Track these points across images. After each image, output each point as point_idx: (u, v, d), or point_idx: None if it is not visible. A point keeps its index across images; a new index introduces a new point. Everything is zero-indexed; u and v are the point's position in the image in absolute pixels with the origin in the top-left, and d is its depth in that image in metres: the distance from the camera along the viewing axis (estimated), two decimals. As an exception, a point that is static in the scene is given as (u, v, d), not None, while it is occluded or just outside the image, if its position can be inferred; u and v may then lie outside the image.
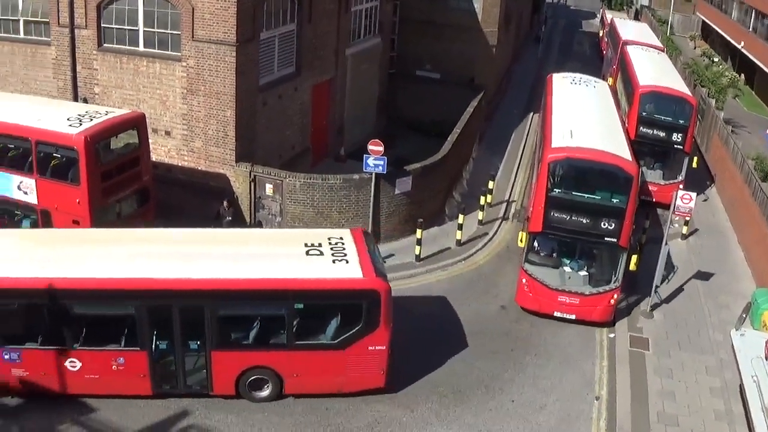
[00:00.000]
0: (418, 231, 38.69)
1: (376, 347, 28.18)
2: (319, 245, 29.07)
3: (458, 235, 41.06)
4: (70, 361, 27.98)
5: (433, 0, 58.35)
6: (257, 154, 40.53)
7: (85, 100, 41.98)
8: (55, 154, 35.14)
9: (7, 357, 27.94)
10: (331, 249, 28.89)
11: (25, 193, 35.75)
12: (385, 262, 32.16)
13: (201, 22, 38.34)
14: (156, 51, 40.41)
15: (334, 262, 28.13)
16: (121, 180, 35.56)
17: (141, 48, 40.85)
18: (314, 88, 45.44)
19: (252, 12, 38.68)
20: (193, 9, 38.29)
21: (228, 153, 39.34)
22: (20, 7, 44.92)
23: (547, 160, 34.68)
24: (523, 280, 35.32)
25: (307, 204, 38.45)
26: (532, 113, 63.76)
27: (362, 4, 50.06)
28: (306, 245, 29.04)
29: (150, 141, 37.67)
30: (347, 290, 27.71)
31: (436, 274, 38.69)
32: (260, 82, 40.61)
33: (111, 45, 41.73)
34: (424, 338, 33.00)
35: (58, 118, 35.77)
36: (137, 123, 36.55)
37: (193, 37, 38.70)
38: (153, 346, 28.08)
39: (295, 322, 27.93)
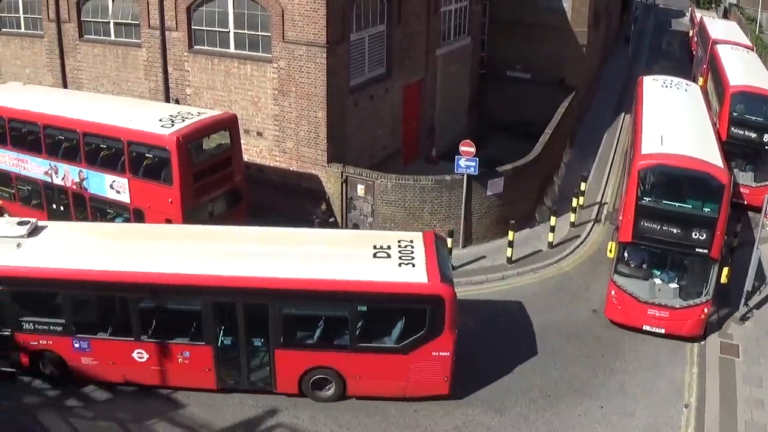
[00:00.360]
0: (510, 233, 38.32)
1: (440, 353, 27.88)
2: (388, 248, 29.01)
3: (550, 237, 40.54)
4: (138, 353, 29.04)
5: (523, 0, 58.05)
6: (349, 155, 40.72)
7: (177, 101, 42.62)
8: (147, 154, 35.74)
9: (77, 346, 29.31)
10: (399, 252, 28.75)
11: (118, 192, 36.46)
12: (454, 268, 32.14)
13: (291, 23, 38.61)
14: (247, 52, 40.89)
15: (400, 265, 27.96)
16: (213, 180, 35.97)
17: (232, 50, 41.41)
18: (405, 89, 45.49)
19: (341, 13, 38.83)
20: (282, 11, 38.58)
21: (320, 154, 39.59)
22: (110, 10, 45.69)
23: (637, 168, 33.81)
24: (612, 292, 34.41)
25: (399, 205, 38.46)
26: (623, 114, 62.94)
27: (451, 4, 49.92)
28: (375, 247, 29.07)
29: (242, 142, 38.18)
30: (410, 294, 27.40)
31: (528, 276, 38.35)
32: (351, 83, 40.75)
33: (202, 47, 42.38)
34: (515, 341, 32.82)
35: (150, 118, 36.46)
36: (229, 124, 36.96)
37: (283, 38, 39.02)
38: (218, 342, 28.81)
39: (357, 324, 28.06)
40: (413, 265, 27.85)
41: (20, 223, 31.11)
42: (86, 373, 29.80)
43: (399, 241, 29.45)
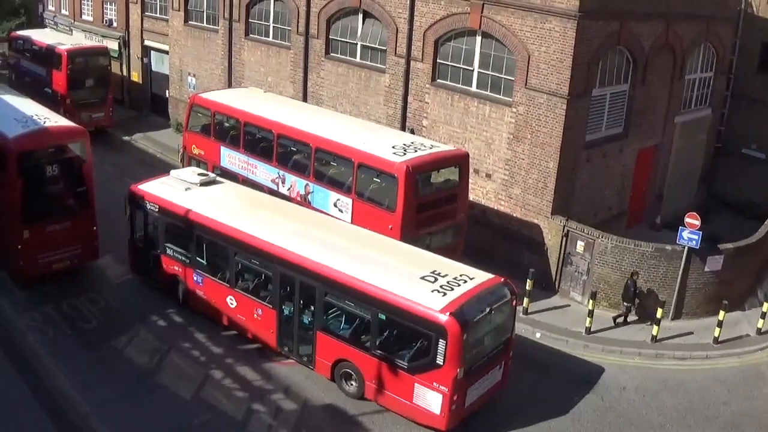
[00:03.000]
0: (721, 312, 36.99)
1: (440, 386, 27.77)
2: (443, 276, 29.36)
3: (760, 323, 38.85)
4: (230, 298, 34.08)
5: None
6: (573, 210, 40.16)
7: (413, 131, 42.96)
8: (375, 179, 36.20)
9: (195, 278, 35.46)
10: (449, 282, 28.94)
11: (341, 210, 36.95)
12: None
13: (535, 70, 38.49)
14: (488, 93, 40.94)
15: (432, 291, 28.34)
16: (436, 214, 35.93)
17: (473, 88, 41.53)
18: (639, 152, 44.68)
19: (587, 67, 38.49)
20: (529, 57, 38.56)
21: (545, 204, 39.17)
22: (359, 32, 46.58)
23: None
24: None
25: (615, 267, 37.68)
26: None
27: (696, 73, 48.96)
28: (432, 272, 29.58)
29: (470, 181, 38.12)
30: (417, 317, 27.86)
31: (731, 359, 36.79)
32: (587, 138, 40.30)
33: (444, 81, 42.73)
34: (701, 424, 31.61)
35: (383, 144, 36.87)
36: (460, 161, 37.03)
37: (526, 84, 38.94)
38: (280, 308, 32.33)
39: (378, 331, 29.24)
40: (443, 294, 28.15)
41: (200, 174, 38.35)
42: (197, 304, 35.76)
43: (461, 275, 29.63)
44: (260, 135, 41.64)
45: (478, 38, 40.96)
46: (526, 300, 37.21)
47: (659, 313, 36.04)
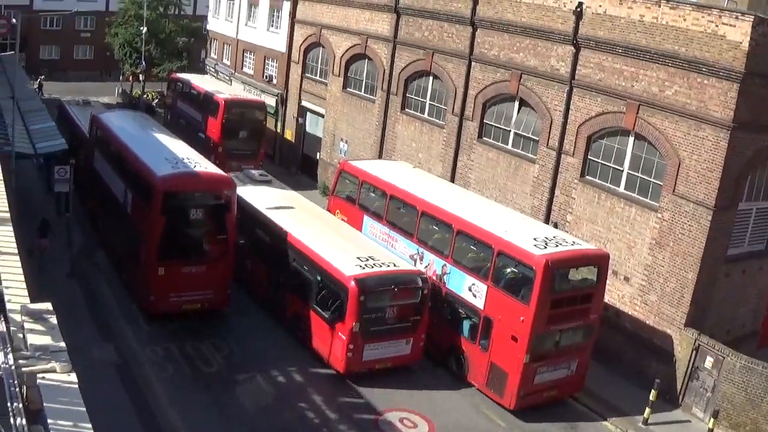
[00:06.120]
0: None
1: (341, 335, 35.91)
2: (375, 260, 37.72)
3: None
4: (248, 262, 43.25)
5: None
6: (706, 324, 39.32)
7: (556, 225, 42.79)
8: (513, 268, 36.02)
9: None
10: (374, 263, 37.26)
11: (474, 295, 36.99)
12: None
13: (684, 177, 38.11)
14: (635, 195, 40.63)
15: (356, 265, 36.65)
16: (569, 312, 35.54)
17: (621, 189, 41.30)
18: (779, 272, 43.82)
19: (736, 179, 37.97)
20: (679, 163, 38.21)
21: (679, 315, 38.55)
22: (513, 119, 46.95)
23: None
24: None
25: (741, 388, 36.71)
26: None
27: None
28: (369, 256, 37.92)
29: (607, 282, 37.73)
30: (335, 279, 36.56)
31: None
32: (728, 252, 39.60)
33: (593, 178, 42.61)
34: None
35: (524, 234, 36.76)
36: (600, 261, 36.59)
37: (673, 191, 38.53)
38: (271, 272, 41.78)
39: (316, 291, 37.98)
40: (362, 268, 36.41)
41: (261, 175, 49.30)
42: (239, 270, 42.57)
43: (390, 262, 38.09)
44: (404, 210, 42.34)
45: (631, 138, 40.78)
46: (647, 410, 36.46)
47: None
